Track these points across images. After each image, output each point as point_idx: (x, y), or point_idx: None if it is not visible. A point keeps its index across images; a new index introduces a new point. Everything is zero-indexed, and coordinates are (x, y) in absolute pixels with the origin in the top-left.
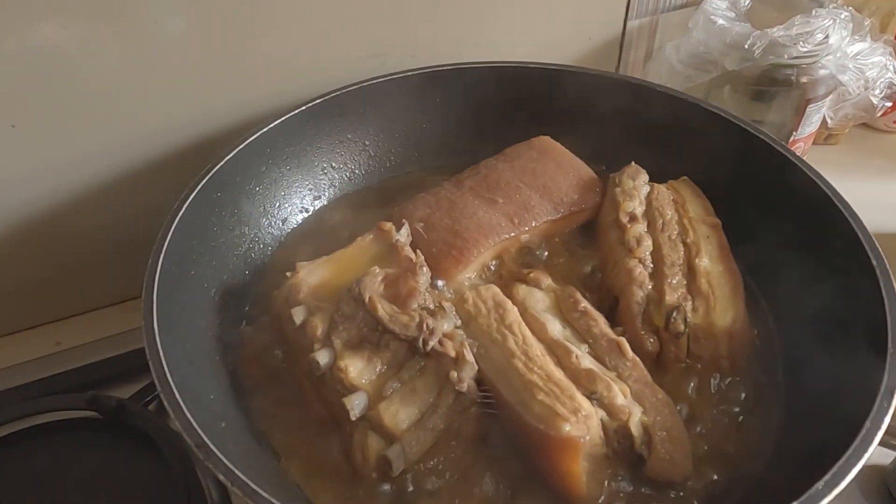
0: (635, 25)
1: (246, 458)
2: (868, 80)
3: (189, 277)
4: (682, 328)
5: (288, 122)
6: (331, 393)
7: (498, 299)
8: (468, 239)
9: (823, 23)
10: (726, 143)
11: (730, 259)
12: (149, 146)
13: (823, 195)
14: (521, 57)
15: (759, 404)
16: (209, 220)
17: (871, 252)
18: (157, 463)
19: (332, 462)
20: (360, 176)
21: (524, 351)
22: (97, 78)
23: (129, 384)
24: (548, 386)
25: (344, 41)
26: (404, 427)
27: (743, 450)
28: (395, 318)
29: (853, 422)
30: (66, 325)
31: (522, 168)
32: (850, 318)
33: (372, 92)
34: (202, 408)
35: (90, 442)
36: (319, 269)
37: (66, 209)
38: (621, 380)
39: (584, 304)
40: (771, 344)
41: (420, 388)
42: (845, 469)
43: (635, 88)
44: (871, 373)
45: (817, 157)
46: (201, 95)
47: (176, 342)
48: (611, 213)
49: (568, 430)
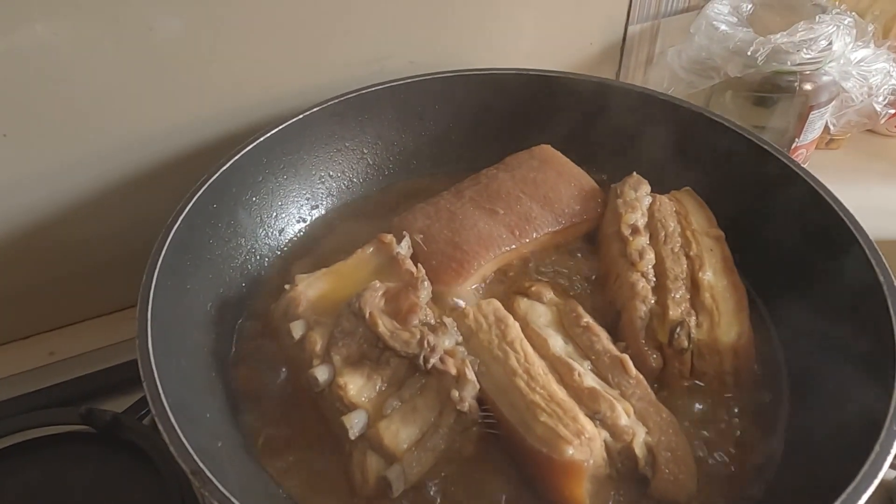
0: (636, 30)
1: (243, 479)
2: (871, 87)
3: (184, 291)
4: (686, 344)
5: (285, 130)
6: (330, 410)
7: (499, 314)
8: (468, 251)
9: (827, 29)
10: (728, 152)
11: (733, 272)
12: (142, 154)
13: (828, 206)
14: (521, 62)
15: (763, 422)
16: (205, 231)
17: (878, 267)
18: (153, 477)
19: (332, 481)
20: (359, 185)
21: (526, 369)
22: (89, 85)
23: (124, 396)
24: (550, 406)
25: (342, 47)
26: (405, 447)
27: (746, 470)
28: (395, 335)
29: (861, 446)
30: (59, 335)
31: (523, 178)
32: (856, 335)
33: (370, 99)
34: (198, 427)
35: (84, 456)
36: (318, 282)
37: (58, 218)
38: (624, 398)
39: (586, 318)
40: (775, 360)
41: (421, 406)
42: (855, 496)
43: (637, 96)
44: (880, 392)
45: (819, 161)
46: (196, 102)
47: (171, 358)
48: (612, 224)
49: (571, 453)
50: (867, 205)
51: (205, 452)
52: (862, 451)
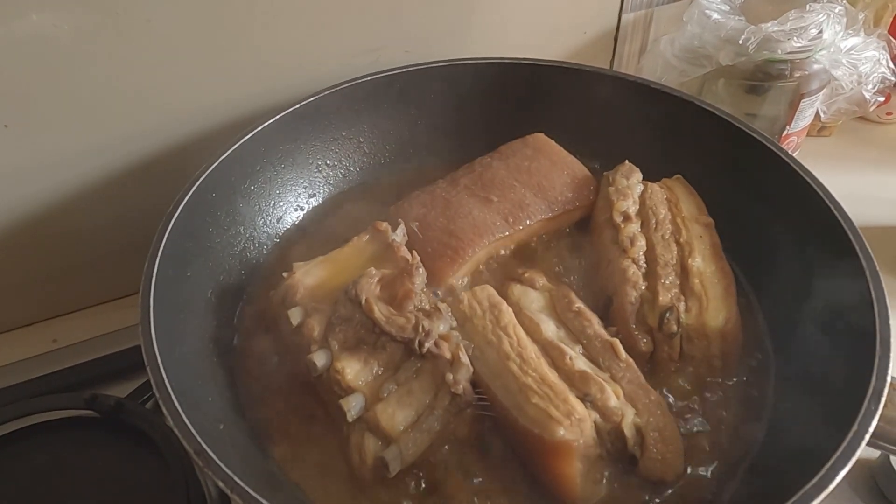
0: (630, 19)
1: (245, 461)
2: (861, 75)
3: (185, 279)
4: (676, 329)
5: (282, 120)
6: (328, 394)
7: (493, 300)
8: (463, 239)
9: (817, 17)
10: (719, 141)
11: (722, 258)
12: (142, 145)
13: (814, 194)
14: (516, 51)
15: (749, 404)
16: (204, 220)
17: (862, 253)
18: (156, 461)
19: (332, 463)
20: (355, 173)
21: (519, 353)
22: (89, 76)
23: (126, 382)
24: (542, 389)
25: (337, 37)
26: (401, 429)
27: (732, 449)
28: (391, 321)
29: (841, 424)
30: (61, 322)
31: (517, 166)
32: (839, 319)
33: (366, 89)
34: (200, 411)
35: (88, 441)
36: (316, 270)
37: (59, 208)
38: (615, 381)
39: (578, 304)
40: (762, 344)
41: (416, 389)
42: (832, 472)
43: (629, 85)
44: (860, 374)
45: (811, 149)
46: (193, 93)
47: (173, 345)
48: (604, 212)
49: (562, 433)
50: (858, 192)
51: (208, 435)
52: (842, 429)
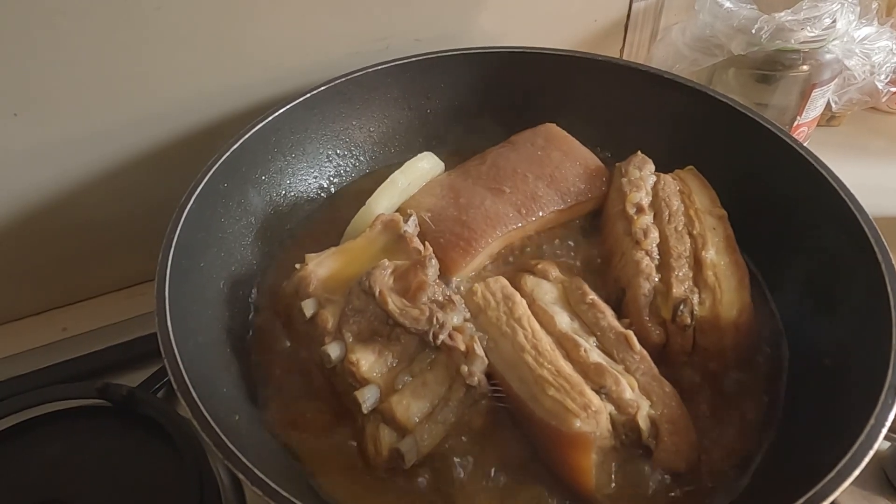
0: (641, 7)
1: (261, 451)
2: (874, 65)
3: (198, 269)
4: (689, 321)
5: (292, 110)
6: (342, 385)
7: (507, 292)
8: (475, 230)
9: (831, 7)
10: (731, 131)
11: (736, 251)
12: (151, 133)
13: (827, 184)
14: (526, 39)
15: (763, 395)
16: (216, 210)
17: (877, 245)
18: (168, 450)
19: (346, 453)
20: (365, 163)
21: (534, 345)
22: (98, 65)
23: (137, 371)
24: (558, 381)
25: (347, 25)
26: (416, 420)
27: (746, 441)
28: (405, 312)
29: (858, 418)
30: (71, 310)
31: (529, 157)
32: (853, 312)
33: (376, 78)
34: (216, 402)
35: (100, 430)
36: (328, 261)
37: (69, 197)
38: (629, 373)
39: (591, 296)
40: (775, 336)
41: (431, 381)
42: (850, 467)
43: (641, 75)
44: (876, 367)
45: (820, 138)
46: (202, 80)
47: (188, 336)
48: (617, 203)
49: (579, 425)
50: (867, 182)
51: (224, 425)
52: (858, 424)
